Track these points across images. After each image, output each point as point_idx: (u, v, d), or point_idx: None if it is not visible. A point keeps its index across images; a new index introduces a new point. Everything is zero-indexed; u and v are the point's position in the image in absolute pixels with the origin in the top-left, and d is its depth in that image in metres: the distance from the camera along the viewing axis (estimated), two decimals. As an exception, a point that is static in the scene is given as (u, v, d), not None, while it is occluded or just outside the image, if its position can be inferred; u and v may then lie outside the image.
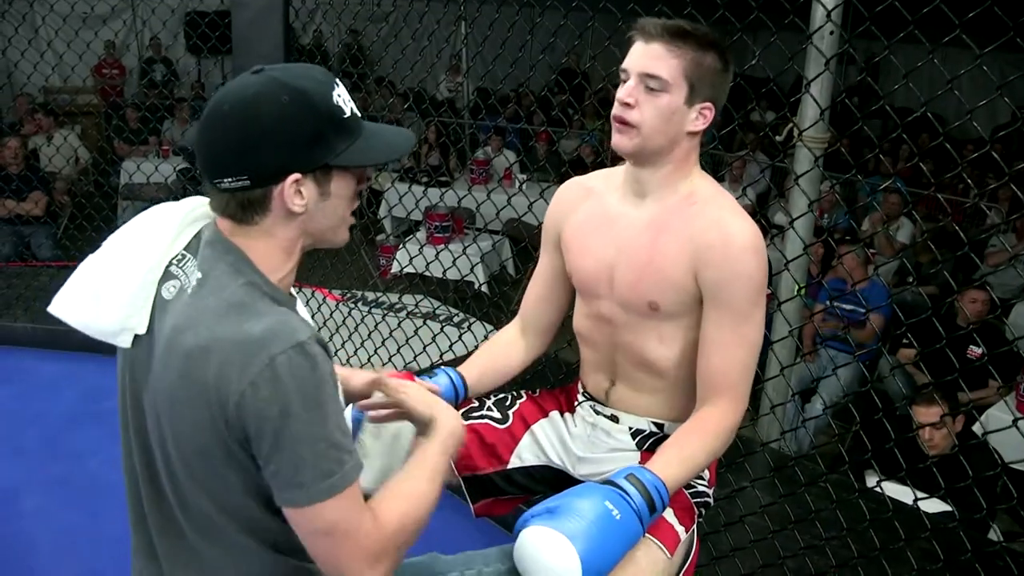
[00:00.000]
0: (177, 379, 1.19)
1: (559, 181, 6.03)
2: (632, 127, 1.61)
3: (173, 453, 1.24)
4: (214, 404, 1.16)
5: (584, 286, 1.82)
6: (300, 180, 1.23)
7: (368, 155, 1.29)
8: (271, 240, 1.27)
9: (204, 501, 1.25)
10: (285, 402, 1.14)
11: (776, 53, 2.46)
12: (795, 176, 2.71)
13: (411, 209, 5.19)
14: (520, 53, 2.91)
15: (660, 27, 1.59)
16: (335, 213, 1.30)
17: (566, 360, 2.38)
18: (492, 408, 1.93)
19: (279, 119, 1.20)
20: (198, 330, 1.18)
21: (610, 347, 1.80)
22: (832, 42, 2.78)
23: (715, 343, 1.64)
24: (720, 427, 1.64)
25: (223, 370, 1.15)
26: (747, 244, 1.59)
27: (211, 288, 1.23)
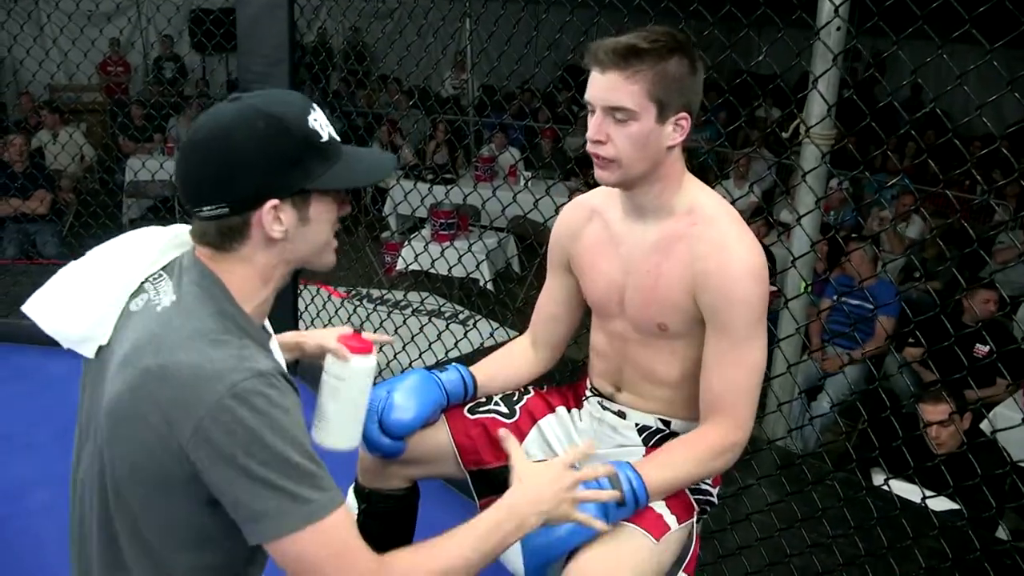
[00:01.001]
0: (127, 393, 1.17)
1: (564, 178, 6.05)
2: (610, 161, 1.59)
3: (107, 470, 1.22)
4: (162, 428, 1.14)
5: (597, 307, 1.83)
6: (278, 206, 1.22)
7: (346, 178, 1.28)
8: (249, 267, 1.26)
9: (131, 523, 1.23)
10: (244, 432, 1.12)
11: (780, 49, 2.45)
12: (802, 173, 2.69)
13: (416, 206, 5.19)
14: (526, 50, 2.91)
15: (611, 53, 1.53)
16: (317, 238, 1.29)
17: (572, 358, 2.37)
18: (499, 403, 1.95)
19: (255, 145, 1.20)
20: (159, 351, 1.17)
21: (620, 360, 1.81)
22: (839, 38, 2.77)
23: (714, 366, 1.64)
24: (715, 445, 1.65)
25: (179, 396, 1.13)
26: (745, 270, 1.58)
27: (181, 312, 1.22)
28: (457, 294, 5.55)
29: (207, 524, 1.22)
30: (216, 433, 1.12)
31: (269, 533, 1.15)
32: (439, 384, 1.88)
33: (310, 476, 1.17)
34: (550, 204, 3.03)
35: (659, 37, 1.54)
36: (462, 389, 1.91)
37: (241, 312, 1.25)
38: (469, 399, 1.93)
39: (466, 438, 1.89)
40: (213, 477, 1.14)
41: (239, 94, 1.27)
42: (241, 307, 1.26)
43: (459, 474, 1.91)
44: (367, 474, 1.96)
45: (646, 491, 1.58)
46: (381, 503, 1.96)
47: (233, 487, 1.14)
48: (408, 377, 1.87)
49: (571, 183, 6.58)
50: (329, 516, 1.17)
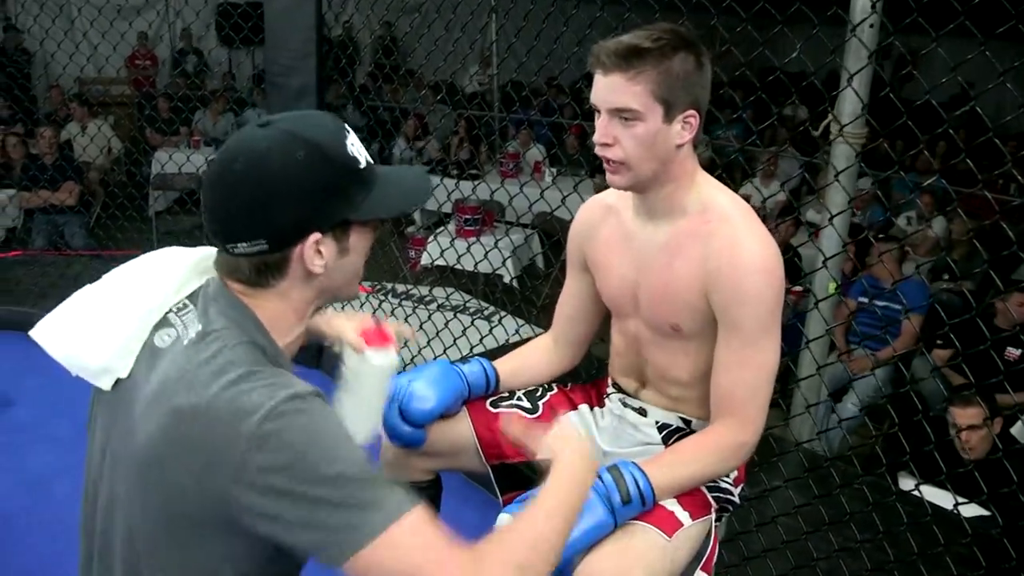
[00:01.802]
0: (159, 435, 1.10)
1: (590, 175, 6.03)
2: (620, 164, 1.57)
3: (137, 514, 1.14)
4: (200, 470, 1.07)
5: (612, 306, 1.83)
6: (320, 239, 1.16)
7: (387, 206, 1.22)
8: (283, 303, 1.20)
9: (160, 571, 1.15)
10: (292, 454, 1.05)
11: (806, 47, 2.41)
12: (835, 172, 2.66)
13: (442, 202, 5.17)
14: (555, 45, 2.89)
15: (613, 54, 1.51)
16: (352, 269, 1.24)
17: (598, 356, 2.35)
18: (522, 398, 1.94)
19: (296, 176, 1.13)
20: (192, 389, 1.09)
21: (639, 359, 1.81)
22: (872, 35, 2.73)
23: (724, 364, 1.62)
24: (722, 444, 1.63)
25: (216, 433, 1.06)
26: (757, 267, 1.56)
27: (210, 344, 1.14)
28: (481, 290, 5.54)
29: (243, 568, 1.15)
30: (263, 464, 1.04)
31: (347, 551, 1.06)
32: (461, 375, 1.88)
33: (371, 483, 1.09)
34: (577, 201, 3.01)
35: (662, 35, 1.51)
36: (484, 382, 1.91)
37: (273, 343, 1.19)
38: (491, 393, 1.93)
39: (488, 431, 1.89)
40: (267, 511, 1.06)
41: (268, 118, 1.20)
42: (273, 339, 1.20)
43: (480, 467, 1.91)
44: (389, 466, 1.95)
45: (652, 490, 1.57)
46: (403, 495, 1.95)
47: (295, 517, 1.05)
48: (430, 367, 1.86)
49: (598, 179, 6.55)
50: (405, 516, 1.08)
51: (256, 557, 1.15)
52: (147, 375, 1.16)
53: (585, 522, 1.51)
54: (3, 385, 3.59)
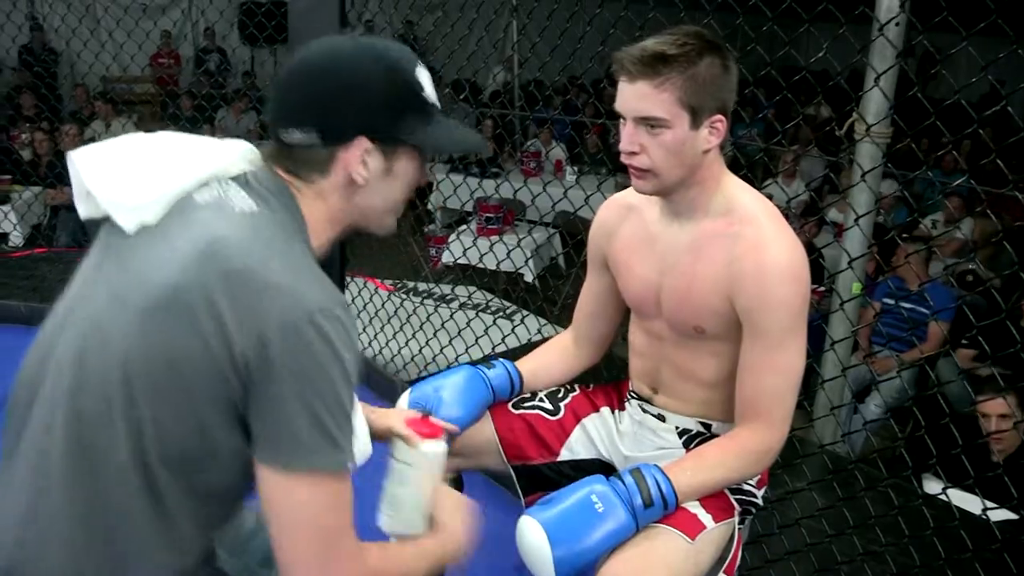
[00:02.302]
0: (196, 284, 1.09)
1: (611, 173, 6.01)
2: (646, 171, 1.56)
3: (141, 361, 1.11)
4: (226, 327, 1.07)
5: (635, 306, 1.82)
6: (369, 148, 1.19)
7: (440, 141, 1.27)
8: (321, 204, 1.22)
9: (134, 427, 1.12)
10: (311, 360, 1.07)
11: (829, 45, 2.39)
12: (861, 172, 2.63)
13: (465, 201, 5.19)
14: (579, 45, 2.88)
15: (639, 62, 1.49)
16: (391, 195, 1.26)
17: (620, 356, 2.34)
18: (544, 399, 1.94)
19: (365, 80, 1.18)
20: (250, 254, 1.10)
21: (658, 359, 1.79)
22: (898, 34, 2.70)
23: (749, 368, 1.61)
24: (747, 448, 1.62)
25: (258, 302, 1.07)
26: (782, 271, 1.54)
27: (269, 223, 1.16)
28: (503, 289, 5.54)
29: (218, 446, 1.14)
30: (284, 349, 1.06)
31: (296, 462, 1.09)
32: (486, 382, 1.88)
33: (348, 428, 1.12)
34: (600, 200, 3.00)
35: (687, 40, 1.50)
36: (508, 386, 1.91)
37: (309, 242, 1.21)
38: (515, 395, 1.92)
39: (510, 432, 1.89)
40: (262, 391, 1.08)
41: (356, 35, 1.26)
42: (308, 236, 1.21)
43: (502, 468, 1.91)
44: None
45: (675, 494, 1.56)
46: (425, 494, 1.96)
47: (270, 407, 1.08)
48: (456, 374, 1.86)
49: (619, 178, 6.53)
50: (346, 474, 1.13)
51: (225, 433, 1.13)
52: (182, 229, 1.15)
53: (606, 526, 1.51)
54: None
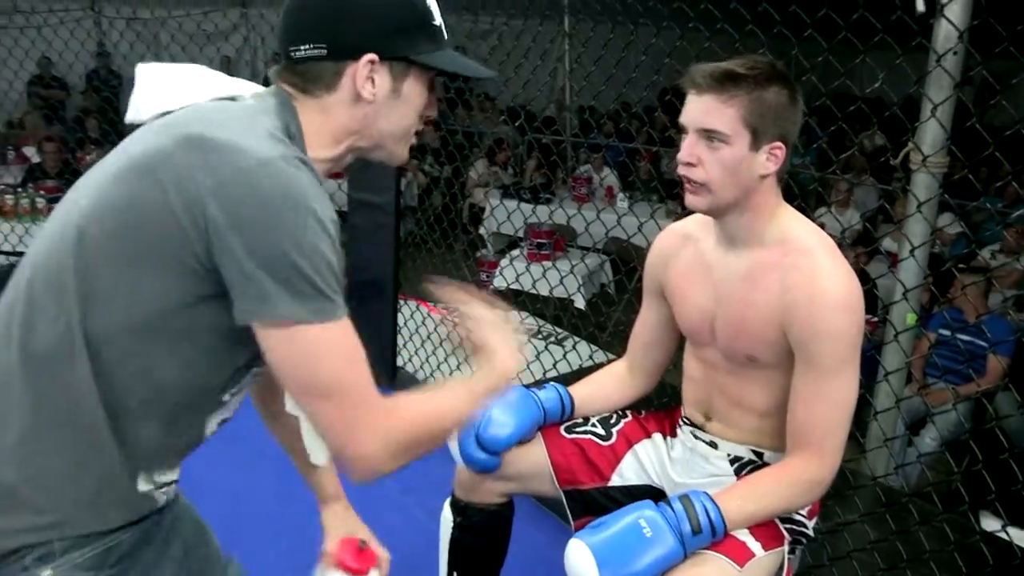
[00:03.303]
0: (153, 151, 1.08)
1: (661, 200, 6.00)
2: (701, 185, 1.58)
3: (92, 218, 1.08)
4: (181, 184, 1.03)
5: (689, 334, 1.83)
6: (376, 64, 1.17)
7: (447, 63, 1.23)
8: (325, 117, 1.20)
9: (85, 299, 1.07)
10: (283, 198, 1.02)
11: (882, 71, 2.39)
12: (917, 203, 2.61)
13: (518, 228, 5.21)
14: (634, 74, 2.91)
15: (709, 76, 1.54)
16: (400, 120, 1.24)
17: (671, 383, 2.35)
18: (596, 424, 1.96)
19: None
20: (207, 125, 1.09)
21: (711, 387, 1.81)
22: (955, 62, 2.68)
23: (802, 398, 1.61)
24: (798, 478, 1.62)
25: (210, 158, 1.04)
26: (837, 302, 1.55)
27: (247, 111, 1.15)
28: (554, 315, 5.55)
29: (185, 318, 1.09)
30: (231, 200, 1.02)
31: (266, 314, 1.03)
32: (537, 402, 1.90)
33: (326, 275, 1.06)
34: (653, 228, 3.01)
35: (758, 65, 1.54)
36: (559, 408, 1.93)
37: (302, 146, 1.17)
38: (566, 418, 1.94)
39: (562, 457, 1.90)
40: (221, 245, 1.03)
41: None
42: (304, 143, 1.18)
43: (553, 492, 1.92)
44: (463, 487, 1.98)
45: (724, 521, 1.56)
46: (476, 517, 1.99)
47: (237, 257, 1.02)
48: (507, 393, 1.88)
49: (670, 205, 6.53)
50: (337, 323, 1.07)
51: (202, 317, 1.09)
52: (180, 112, 1.17)
53: (654, 551, 1.52)
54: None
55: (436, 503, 2.05)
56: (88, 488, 1.11)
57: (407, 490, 2.88)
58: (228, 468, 2.66)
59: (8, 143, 8.30)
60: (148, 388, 1.11)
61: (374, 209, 3.52)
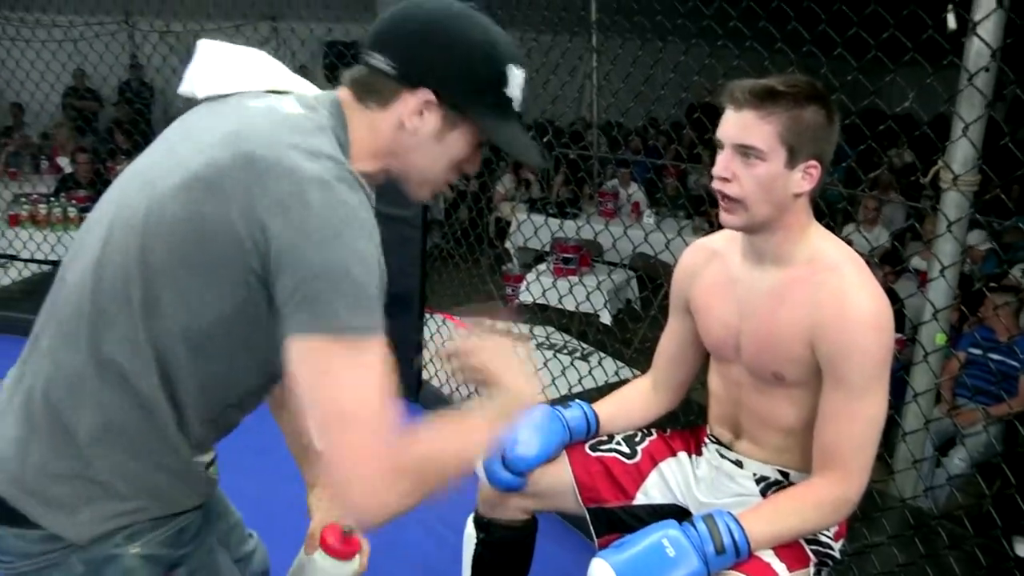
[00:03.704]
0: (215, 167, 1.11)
1: (689, 216, 5.97)
2: (735, 202, 1.58)
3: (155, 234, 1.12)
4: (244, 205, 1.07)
5: (713, 350, 1.83)
6: (431, 103, 1.20)
7: (502, 136, 1.25)
8: (371, 133, 1.23)
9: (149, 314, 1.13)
10: (336, 216, 1.06)
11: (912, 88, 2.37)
12: (947, 223, 2.59)
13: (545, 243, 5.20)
14: (662, 91, 2.91)
15: (748, 92, 1.54)
16: (436, 161, 1.26)
17: (698, 401, 2.34)
18: (621, 442, 1.95)
19: (462, 44, 1.19)
20: (258, 142, 1.11)
21: (736, 405, 1.80)
22: (987, 80, 2.66)
23: (829, 417, 1.60)
24: (822, 498, 1.61)
25: (262, 178, 1.08)
26: (866, 320, 1.54)
27: (297, 123, 1.17)
28: (580, 330, 5.55)
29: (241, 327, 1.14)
30: (293, 211, 1.06)
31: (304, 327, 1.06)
32: (563, 422, 1.90)
33: (367, 295, 1.09)
34: (680, 244, 3.00)
35: (797, 84, 1.54)
36: (585, 426, 1.92)
37: (346, 155, 1.19)
38: (591, 436, 1.94)
39: (586, 474, 1.90)
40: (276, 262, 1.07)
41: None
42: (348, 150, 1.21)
43: (577, 510, 1.92)
44: (487, 504, 1.98)
45: (748, 542, 1.55)
46: (499, 533, 1.98)
47: (289, 274, 1.06)
48: (533, 413, 1.88)
49: (696, 221, 6.51)
50: (374, 345, 1.10)
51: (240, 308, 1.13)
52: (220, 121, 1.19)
53: (677, 572, 1.51)
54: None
55: (459, 519, 2.05)
56: (162, 478, 1.20)
57: (430, 505, 2.88)
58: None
59: (42, 153, 8.44)
60: (207, 390, 1.18)
61: (401, 222, 3.53)
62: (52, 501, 1.15)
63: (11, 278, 5.28)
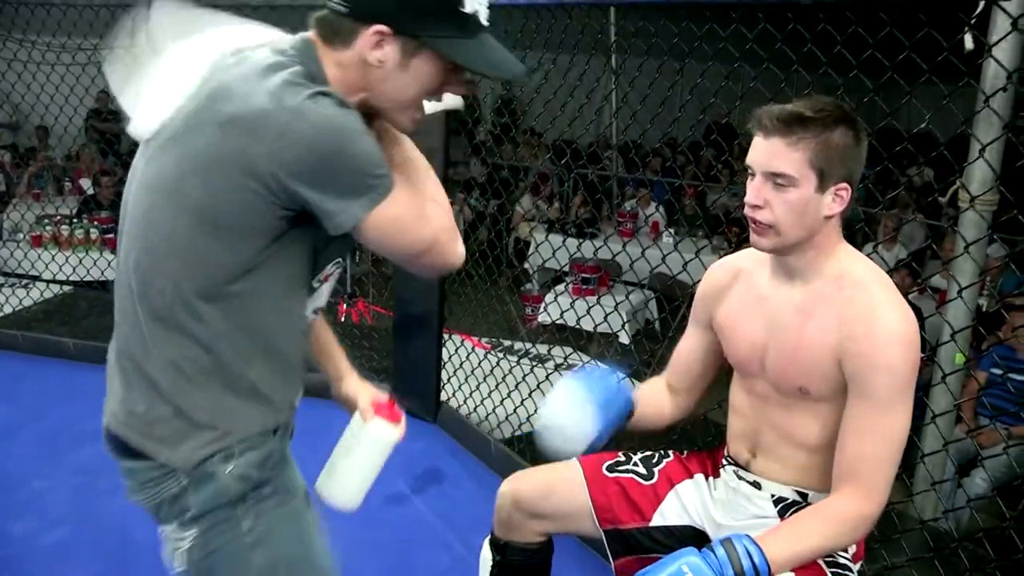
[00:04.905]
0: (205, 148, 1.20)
1: (708, 237, 5.97)
2: (767, 227, 1.60)
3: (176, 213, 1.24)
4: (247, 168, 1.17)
5: (738, 365, 1.83)
6: (385, 37, 1.23)
7: (464, 55, 1.27)
8: (340, 70, 1.27)
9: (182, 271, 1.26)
10: (322, 132, 1.16)
11: (930, 106, 2.37)
12: (965, 244, 2.59)
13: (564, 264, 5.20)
14: (680, 113, 2.92)
15: (776, 119, 1.55)
16: (404, 91, 1.29)
17: (716, 422, 2.34)
18: (638, 464, 1.96)
19: None
20: (234, 99, 1.19)
21: (759, 420, 1.80)
22: (1005, 101, 2.66)
23: (852, 432, 1.60)
24: (842, 516, 1.60)
25: (256, 134, 1.16)
26: (893, 336, 1.55)
27: (265, 60, 1.23)
28: (598, 351, 5.54)
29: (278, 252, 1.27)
30: (288, 148, 1.16)
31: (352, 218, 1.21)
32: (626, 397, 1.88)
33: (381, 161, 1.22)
34: (697, 264, 3.00)
35: (825, 107, 1.56)
36: (630, 409, 1.89)
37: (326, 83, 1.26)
38: (626, 419, 1.90)
39: (603, 496, 1.91)
40: (298, 191, 1.18)
41: None
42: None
43: (594, 532, 1.92)
44: (503, 526, 1.99)
45: (767, 564, 1.54)
46: (515, 556, 1.99)
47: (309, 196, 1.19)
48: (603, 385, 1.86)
49: (715, 242, 6.51)
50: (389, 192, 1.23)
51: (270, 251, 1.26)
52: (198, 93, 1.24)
53: None
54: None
55: (476, 541, 2.06)
56: (237, 403, 1.35)
57: (448, 527, 2.89)
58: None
59: (65, 174, 8.55)
60: (257, 318, 1.32)
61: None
62: (159, 439, 1.34)
63: (33, 299, 5.33)
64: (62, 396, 3.99)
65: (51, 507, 3.09)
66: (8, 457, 3.46)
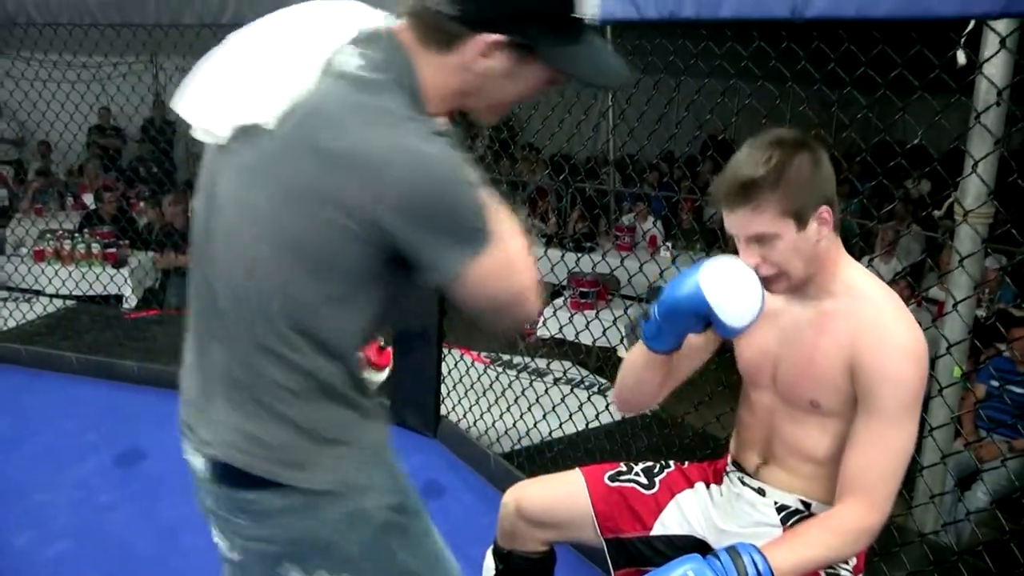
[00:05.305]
0: (307, 175, 1.14)
1: (707, 250, 5.97)
2: (774, 276, 1.62)
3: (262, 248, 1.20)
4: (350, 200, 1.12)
5: (748, 377, 1.84)
6: (500, 44, 1.17)
7: (575, 65, 1.23)
8: (440, 77, 1.20)
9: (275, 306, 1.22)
10: (434, 181, 1.12)
11: (925, 119, 2.40)
12: (959, 258, 2.61)
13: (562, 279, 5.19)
14: (676, 129, 2.95)
15: (730, 193, 1.57)
16: (504, 96, 1.26)
17: (714, 435, 2.35)
18: (640, 474, 1.97)
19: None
20: (333, 128, 1.12)
21: (768, 432, 1.81)
22: (998, 116, 2.69)
23: (858, 444, 1.62)
24: (846, 527, 1.61)
25: (369, 173, 1.11)
26: (903, 349, 1.57)
27: (360, 74, 1.16)
28: (596, 365, 5.55)
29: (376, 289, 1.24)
30: (403, 195, 1.11)
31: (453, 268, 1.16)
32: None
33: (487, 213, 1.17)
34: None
35: (771, 152, 1.56)
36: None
37: (424, 109, 1.20)
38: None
39: (605, 505, 1.92)
40: (404, 239, 1.14)
41: None
42: (422, 99, 1.20)
43: (595, 540, 1.93)
44: (505, 536, 2.01)
45: (771, 572, 1.54)
46: (518, 565, 2.00)
47: (415, 245, 1.15)
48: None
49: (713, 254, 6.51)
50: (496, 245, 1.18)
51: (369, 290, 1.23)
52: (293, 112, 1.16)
53: None
54: (142, 437, 3.74)
55: (476, 554, 2.07)
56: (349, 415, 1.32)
57: (448, 540, 2.89)
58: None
59: (68, 189, 8.58)
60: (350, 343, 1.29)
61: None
62: (290, 463, 1.28)
63: (36, 313, 5.35)
64: (64, 410, 4.02)
65: (52, 520, 3.11)
66: (10, 470, 3.47)
